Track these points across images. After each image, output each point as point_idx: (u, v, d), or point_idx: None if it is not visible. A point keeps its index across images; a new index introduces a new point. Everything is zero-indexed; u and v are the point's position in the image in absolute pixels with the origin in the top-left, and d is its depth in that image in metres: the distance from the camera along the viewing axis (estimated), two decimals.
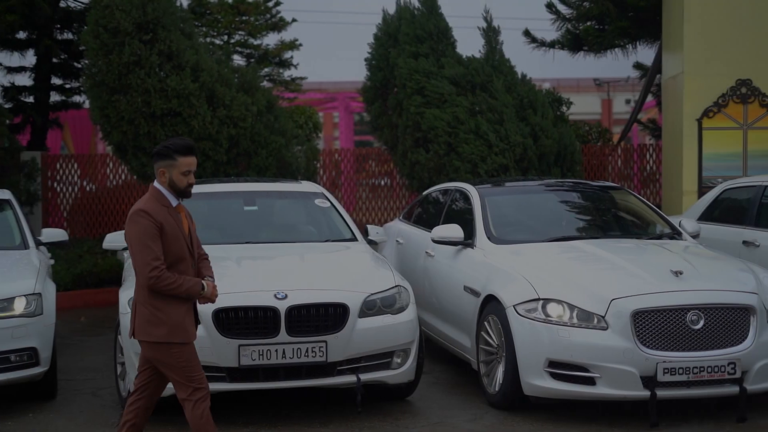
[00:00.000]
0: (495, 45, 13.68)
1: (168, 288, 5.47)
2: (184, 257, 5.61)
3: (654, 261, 7.70)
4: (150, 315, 5.52)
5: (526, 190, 9.59)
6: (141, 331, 5.57)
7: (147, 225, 5.46)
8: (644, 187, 16.38)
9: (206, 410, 5.56)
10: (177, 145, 5.60)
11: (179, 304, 5.56)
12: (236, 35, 17.99)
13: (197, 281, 5.62)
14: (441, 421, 7.25)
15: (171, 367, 5.56)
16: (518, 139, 12.56)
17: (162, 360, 5.56)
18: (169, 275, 5.47)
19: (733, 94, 12.62)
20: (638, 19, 15.94)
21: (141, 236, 5.46)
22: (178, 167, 5.58)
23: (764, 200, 9.50)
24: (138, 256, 5.47)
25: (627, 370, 6.84)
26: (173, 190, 5.61)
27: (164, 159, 5.58)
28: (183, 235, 5.61)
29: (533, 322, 7.10)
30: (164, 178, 5.59)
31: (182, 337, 5.54)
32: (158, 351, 5.54)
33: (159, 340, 5.52)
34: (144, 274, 5.45)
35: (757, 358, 7.02)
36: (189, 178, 5.61)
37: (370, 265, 7.93)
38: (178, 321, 5.53)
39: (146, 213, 5.49)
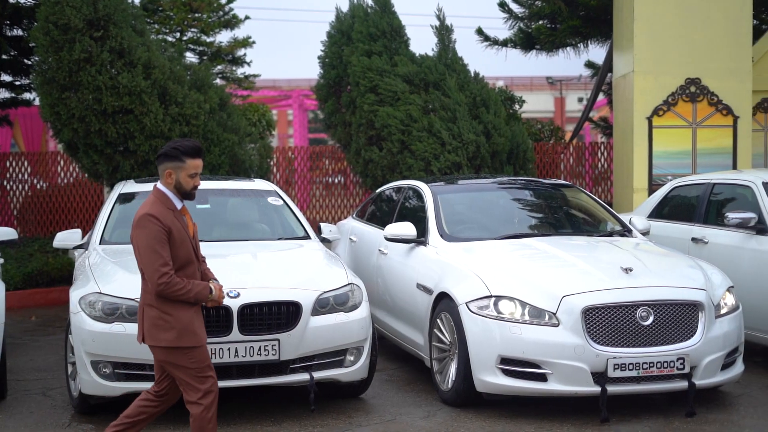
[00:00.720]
0: (448, 43, 13.73)
1: (177, 294, 5.41)
2: (191, 261, 5.57)
3: (604, 258, 7.78)
4: (158, 319, 5.46)
5: (479, 188, 9.63)
6: (150, 336, 5.50)
7: (156, 230, 5.39)
8: (596, 185, 16.52)
9: (214, 415, 5.53)
10: (186, 146, 5.54)
11: (188, 307, 5.51)
12: (189, 32, 17.89)
13: (205, 285, 5.57)
14: (394, 419, 7.27)
15: (181, 369, 5.51)
16: (471, 137, 12.61)
17: (173, 362, 5.51)
18: (178, 281, 5.41)
19: (683, 92, 12.77)
20: (590, 18, 16.08)
21: (150, 241, 5.38)
22: (186, 169, 5.53)
23: (712, 197, 9.63)
24: (147, 261, 5.39)
25: (578, 366, 6.91)
26: (178, 192, 5.56)
27: (172, 160, 5.52)
28: (189, 238, 5.57)
29: (485, 319, 7.15)
30: (170, 180, 5.53)
31: (192, 341, 5.49)
32: (170, 355, 5.49)
33: (169, 345, 5.46)
34: (153, 281, 5.37)
35: (706, 353, 7.12)
36: (195, 180, 5.57)
37: (323, 263, 7.93)
38: (187, 324, 5.48)
39: (155, 218, 5.41)
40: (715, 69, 12.72)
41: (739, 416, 7.21)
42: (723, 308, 7.42)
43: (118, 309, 7.00)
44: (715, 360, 7.20)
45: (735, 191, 9.45)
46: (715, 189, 9.66)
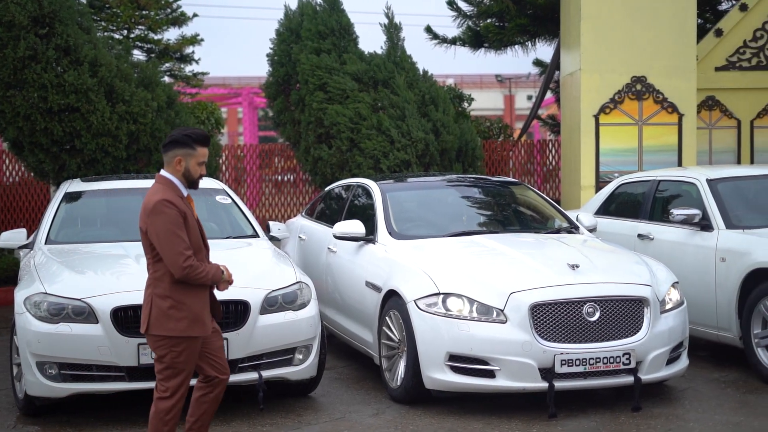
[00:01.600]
0: (397, 41, 13.75)
1: (198, 277, 5.41)
2: (200, 248, 5.58)
3: (552, 255, 7.84)
4: (171, 308, 5.42)
5: (428, 185, 9.66)
6: (158, 325, 5.45)
7: (173, 214, 5.38)
8: (546, 182, 16.64)
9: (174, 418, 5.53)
10: (197, 134, 5.56)
11: (200, 295, 5.50)
12: (136, 30, 17.74)
13: (217, 266, 5.58)
14: (343, 417, 7.27)
15: (163, 361, 5.46)
16: (420, 135, 12.65)
17: (160, 352, 5.46)
18: (199, 264, 5.42)
19: (629, 90, 12.90)
20: (537, 17, 16.18)
21: (169, 226, 5.36)
22: (196, 157, 5.54)
23: (658, 194, 9.74)
24: (168, 246, 5.36)
25: (525, 362, 6.96)
26: (185, 180, 5.54)
27: (183, 147, 5.51)
28: (197, 225, 5.57)
29: (434, 316, 7.17)
30: (180, 167, 5.51)
31: (200, 330, 5.48)
32: (165, 342, 5.44)
33: (177, 334, 5.42)
34: (178, 264, 5.34)
35: (651, 348, 7.20)
36: (202, 168, 5.58)
37: (271, 261, 7.91)
38: (198, 313, 5.48)
39: (171, 202, 5.40)
40: (661, 67, 12.86)
41: (684, 410, 7.31)
42: (668, 304, 7.51)
43: (63, 309, 6.94)
44: (661, 355, 7.29)
45: (680, 188, 9.57)
46: (660, 186, 9.78)
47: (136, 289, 7.00)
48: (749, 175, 9.57)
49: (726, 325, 8.44)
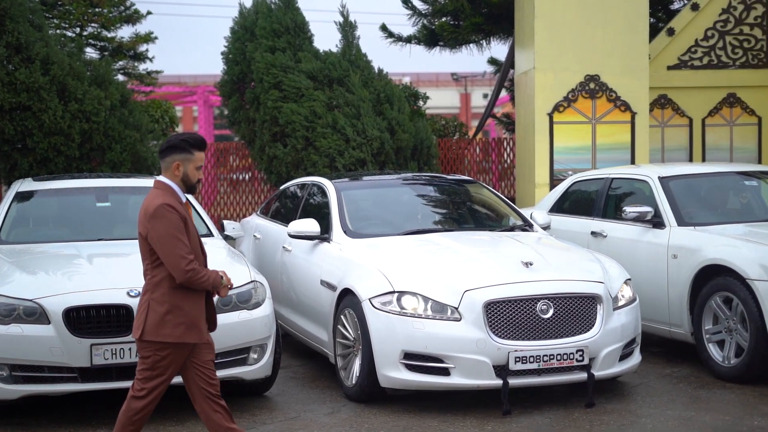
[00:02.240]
0: (352, 40, 13.76)
1: (200, 281, 5.37)
2: (199, 253, 5.54)
3: (506, 253, 7.87)
4: (167, 314, 5.37)
5: (383, 184, 9.67)
6: (153, 332, 5.38)
7: (174, 218, 5.34)
8: (501, 180, 16.70)
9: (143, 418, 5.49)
10: (194, 139, 5.54)
11: (198, 301, 5.46)
12: (89, 27, 17.56)
13: (216, 272, 5.54)
14: (298, 416, 7.26)
15: (146, 362, 5.42)
16: (375, 133, 12.66)
17: (145, 353, 5.42)
18: (200, 268, 5.39)
19: (582, 89, 12.99)
20: (492, 16, 16.24)
21: (171, 230, 5.32)
22: (194, 162, 5.50)
23: (611, 192, 9.82)
24: (170, 250, 5.30)
25: (480, 359, 6.99)
26: (184, 185, 5.51)
27: (181, 152, 5.47)
28: (195, 232, 5.54)
29: (388, 314, 7.18)
30: (178, 172, 5.47)
31: (196, 337, 5.43)
32: (152, 347, 5.39)
33: (172, 340, 5.37)
34: (180, 268, 5.29)
35: (604, 345, 7.26)
36: (200, 173, 5.55)
37: (225, 260, 7.87)
38: (195, 320, 5.44)
39: (171, 207, 5.36)
40: (614, 66, 12.96)
41: (637, 405, 7.38)
42: (620, 300, 7.57)
43: (14, 310, 6.87)
44: (614, 351, 7.35)
45: (632, 186, 9.66)
46: (613, 184, 9.86)
47: (89, 289, 6.98)
48: (700, 173, 9.68)
49: (678, 321, 8.53)
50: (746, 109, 13.89)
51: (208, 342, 5.61)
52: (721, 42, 13.88)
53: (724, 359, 8.06)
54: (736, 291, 7.89)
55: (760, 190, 9.61)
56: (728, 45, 13.88)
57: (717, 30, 13.89)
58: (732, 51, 13.89)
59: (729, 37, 13.89)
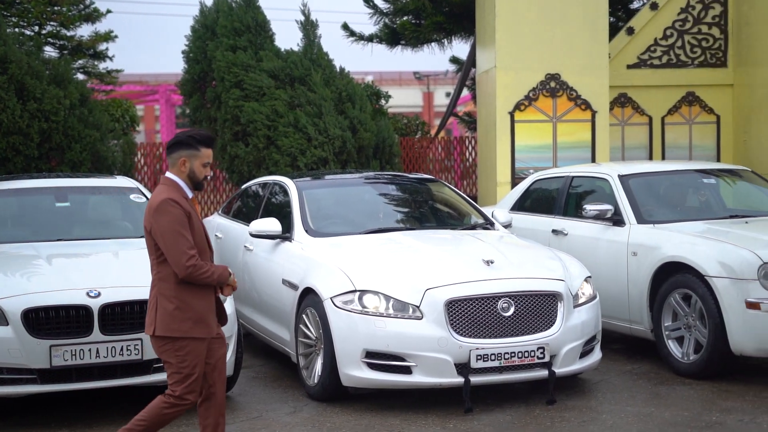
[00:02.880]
0: (313, 38, 13.74)
1: (203, 277, 5.36)
2: (205, 249, 5.53)
3: (467, 251, 7.90)
4: (175, 309, 5.38)
5: (345, 183, 9.66)
6: (163, 327, 5.40)
7: (178, 214, 5.34)
8: (464, 179, 16.76)
9: (172, 418, 5.50)
10: (201, 135, 5.54)
11: (206, 297, 5.46)
12: (48, 26, 17.40)
13: (224, 267, 5.54)
14: (260, 416, 7.25)
15: (169, 365, 5.44)
16: (337, 132, 12.65)
17: (164, 357, 5.43)
18: (203, 263, 5.37)
19: (543, 88, 13.05)
20: (453, 15, 16.29)
21: (174, 225, 5.32)
22: (201, 158, 5.50)
23: (572, 190, 9.88)
24: (172, 246, 5.31)
25: (441, 358, 7.01)
26: (190, 181, 5.51)
27: (187, 149, 5.48)
28: (202, 226, 5.53)
29: (350, 313, 7.18)
30: (184, 168, 5.48)
31: (204, 332, 5.44)
32: (166, 347, 5.41)
33: (181, 335, 5.37)
34: (181, 264, 5.30)
35: (565, 342, 7.31)
36: (207, 170, 5.55)
37: None
38: (203, 315, 5.43)
39: (175, 202, 5.36)
40: (574, 65, 13.03)
41: (597, 402, 7.43)
42: (581, 298, 7.62)
43: None
44: (574, 348, 7.40)
45: (593, 184, 9.72)
46: (573, 182, 9.91)
47: (48, 290, 6.92)
48: (660, 171, 9.75)
49: (638, 318, 8.60)
50: (705, 108, 14.03)
51: (219, 335, 5.64)
52: (679, 41, 14.01)
53: (684, 355, 8.14)
54: (694, 288, 7.97)
55: (719, 188, 9.71)
56: (687, 44, 14.01)
57: (676, 29, 14.01)
58: (691, 50, 14.02)
59: (688, 36, 14.02)
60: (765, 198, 9.60)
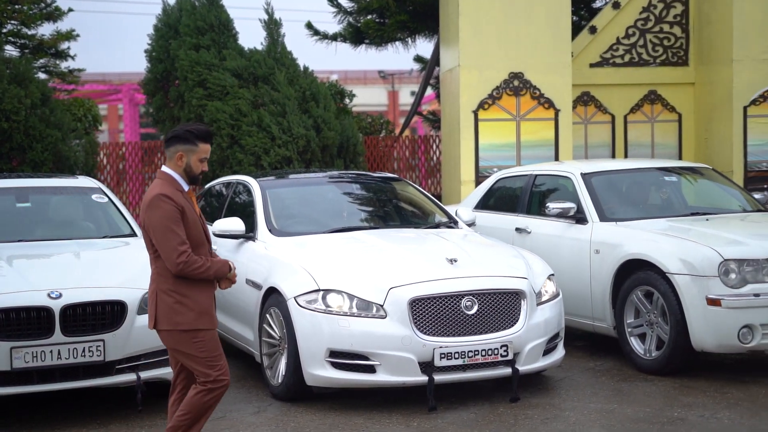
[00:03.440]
0: (277, 37, 13.72)
1: (197, 272, 5.33)
2: (203, 242, 5.50)
3: (431, 250, 7.91)
4: (175, 303, 5.36)
5: (309, 182, 9.65)
6: (165, 320, 5.38)
7: (170, 209, 5.31)
8: (429, 177, 16.79)
9: (215, 403, 5.48)
10: (199, 130, 5.51)
11: (205, 289, 5.43)
12: (8, 24, 17.23)
13: (225, 261, 5.52)
14: (224, 416, 7.22)
15: (191, 357, 5.41)
16: (301, 131, 12.64)
17: (184, 351, 5.41)
18: (197, 258, 5.35)
19: (507, 86, 13.10)
20: (417, 13, 16.31)
21: (165, 221, 5.30)
22: (198, 153, 5.49)
23: (535, 189, 9.92)
24: (163, 241, 5.30)
25: (405, 356, 7.01)
26: (186, 176, 5.48)
27: (184, 143, 5.46)
28: (199, 219, 5.50)
29: (314, 313, 7.17)
30: (181, 163, 5.46)
31: (208, 323, 5.42)
32: (180, 340, 5.38)
33: (185, 327, 5.35)
34: (172, 260, 5.28)
35: (528, 340, 7.34)
36: (204, 165, 5.53)
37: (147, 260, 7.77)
38: (206, 307, 5.42)
39: (167, 197, 5.33)
40: (537, 64, 13.09)
41: (561, 399, 7.47)
42: (544, 296, 7.66)
43: None
44: (537, 346, 7.43)
45: (556, 182, 9.76)
46: (537, 180, 9.96)
47: (8, 291, 6.86)
48: (622, 169, 9.82)
49: (601, 315, 8.66)
50: (667, 106, 14.13)
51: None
52: (641, 40, 14.11)
53: (646, 352, 8.20)
54: (656, 285, 8.03)
55: (680, 186, 9.79)
56: (649, 43, 14.11)
57: (638, 28, 14.11)
58: (652, 49, 14.12)
59: (649, 35, 14.12)
60: (726, 195, 9.71)
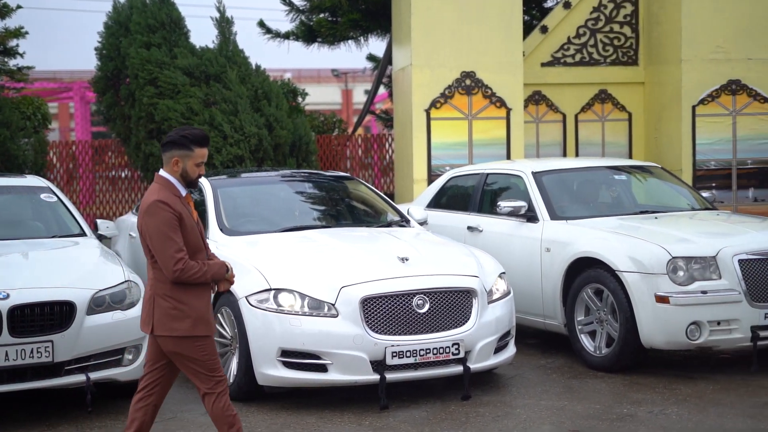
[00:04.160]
0: (229, 36, 13.66)
1: (194, 277, 5.30)
2: (200, 247, 5.46)
3: (382, 248, 7.92)
4: (172, 309, 5.31)
5: (261, 181, 9.63)
6: (162, 326, 5.33)
7: (167, 216, 5.27)
8: (384, 176, 16.80)
9: (228, 401, 5.44)
10: (195, 135, 5.44)
11: (203, 295, 5.39)
12: None
13: (221, 263, 5.48)
14: (175, 416, 7.18)
15: (194, 360, 5.38)
16: (253, 130, 12.59)
17: (185, 354, 5.37)
18: (193, 264, 5.30)
19: (459, 85, 13.13)
20: (370, 12, 16.31)
21: (162, 228, 5.25)
22: (194, 158, 5.42)
23: (486, 187, 9.96)
24: (160, 248, 5.26)
25: (357, 355, 7.02)
26: (183, 180, 5.43)
27: (180, 148, 5.40)
28: (196, 224, 5.45)
29: (265, 312, 7.16)
30: (177, 167, 5.40)
31: (206, 330, 5.39)
32: (181, 345, 5.34)
33: (183, 334, 5.31)
34: (169, 267, 5.24)
35: (479, 338, 7.37)
36: (201, 169, 5.47)
37: (98, 260, 7.74)
38: (202, 313, 5.37)
39: (165, 203, 5.28)
40: (489, 63, 13.13)
41: (512, 397, 7.52)
42: (495, 294, 7.70)
43: None
44: (489, 344, 7.47)
45: (507, 181, 9.81)
46: (488, 179, 10.00)
47: None
48: (572, 168, 9.90)
49: (551, 313, 8.72)
50: (617, 105, 14.25)
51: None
52: (592, 40, 14.21)
53: (596, 349, 8.27)
54: (606, 283, 8.11)
55: (630, 185, 9.89)
56: (599, 42, 14.22)
57: (588, 28, 14.21)
58: (603, 48, 14.23)
59: (600, 35, 14.23)
60: (674, 194, 9.82)
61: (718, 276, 7.81)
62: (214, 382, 5.46)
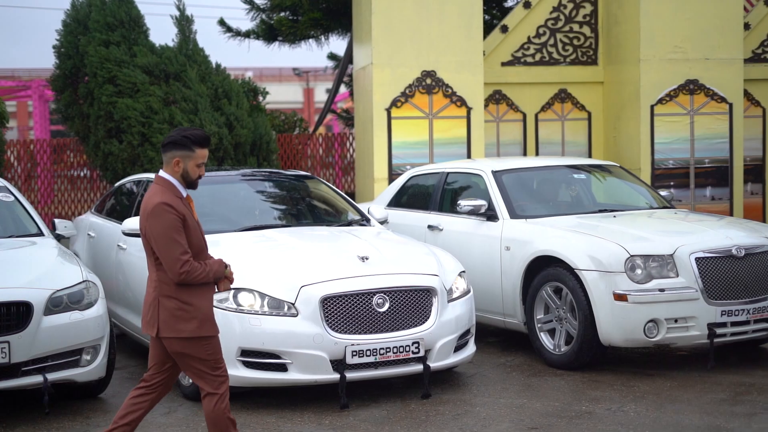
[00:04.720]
0: (189, 34, 13.60)
1: (199, 278, 5.31)
2: (203, 248, 5.46)
3: (342, 247, 7.92)
4: (178, 310, 5.31)
5: (221, 180, 9.57)
6: (168, 328, 5.33)
7: (172, 218, 5.26)
8: (346, 175, 16.78)
9: (228, 404, 5.45)
10: (196, 136, 5.42)
11: (207, 296, 5.40)
12: None
13: (219, 261, 5.50)
14: None
15: (199, 360, 5.37)
16: (213, 128, 12.54)
17: (191, 355, 5.36)
18: (197, 265, 5.31)
19: (419, 85, 13.15)
20: (330, 11, 16.29)
21: (167, 230, 5.24)
22: (195, 158, 5.41)
23: (447, 186, 9.99)
24: (165, 251, 5.25)
25: (317, 354, 7.02)
26: (184, 181, 5.41)
27: (181, 149, 5.38)
28: (198, 225, 5.45)
29: (225, 312, 7.13)
30: (178, 168, 5.38)
31: (212, 330, 5.40)
32: (188, 346, 5.34)
33: (188, 335, 5.30)
34: (175, 270, 5.24)
35: (439, 336, 7.39)
36: (201, 169, 5.46)
37: (56, 260, 7.67)
38: (208, 314, 5.38)
39: (170, 206, 5.27)
40: (450, 62, 13.16)
41: (472, 395, 7.54)
42: (455, 292, 7.72)
43: None
44: (449, 342, 7.49)
45: (468, 180, 9.84)
46: (449, 178, 10.03)
47: None
48: (532, 167, 9.95)
49: (511, 311, 8.76)
50: (577, 105, 14.33)
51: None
52: (552, 39, 14.28)
53: (555, 347, 8.33)
54: (565, 281, 8.16)
55: (589, 183, 9.96)
56: (559, 42, 14.29)
57: (548, 27, 14.28)
58: (563, 48, 14.30)
59: (560, 34, 14.30)
60: (633, 193, 9.90)
61: (676, 274, 7.89)
62: (218, 383, 5.47)
